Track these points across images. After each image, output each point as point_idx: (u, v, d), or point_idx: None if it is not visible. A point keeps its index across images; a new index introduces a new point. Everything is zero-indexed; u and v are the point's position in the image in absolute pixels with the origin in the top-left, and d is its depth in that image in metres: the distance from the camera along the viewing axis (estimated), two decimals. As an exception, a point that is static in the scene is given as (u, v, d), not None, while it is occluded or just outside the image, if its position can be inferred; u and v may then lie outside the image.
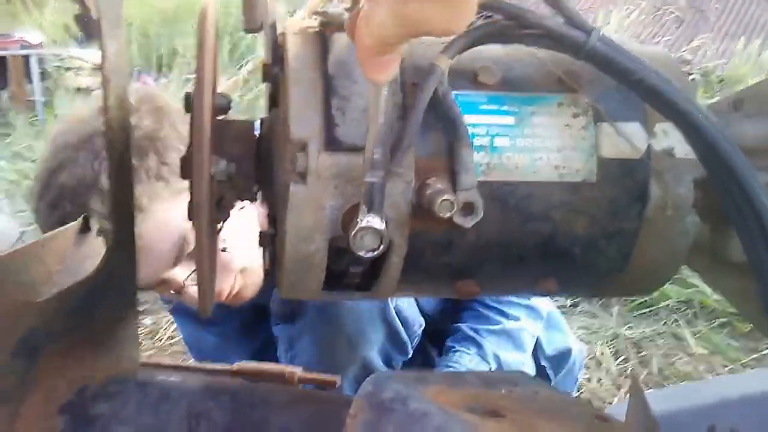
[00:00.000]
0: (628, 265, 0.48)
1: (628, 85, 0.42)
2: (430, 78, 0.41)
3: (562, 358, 1.32)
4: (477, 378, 0.38)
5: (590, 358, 1.71)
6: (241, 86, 3.99)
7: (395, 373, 0.38)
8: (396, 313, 1.15)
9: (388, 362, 1.19)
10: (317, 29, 0.45)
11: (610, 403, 1.55)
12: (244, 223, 1.02)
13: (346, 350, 1.15)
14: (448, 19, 0.27)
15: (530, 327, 1.23)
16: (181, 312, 1.30)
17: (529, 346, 1.23)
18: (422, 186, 0.43)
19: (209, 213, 0.44)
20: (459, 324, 1.23)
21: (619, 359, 1.75)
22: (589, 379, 1.61)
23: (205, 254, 0.42)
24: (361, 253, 0.41)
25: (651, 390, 1.51)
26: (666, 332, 1.83)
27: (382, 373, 0.36)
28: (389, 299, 1.14)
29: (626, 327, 1.85)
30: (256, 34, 0.47)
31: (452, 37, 0.43)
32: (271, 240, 0.49)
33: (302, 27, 0.45)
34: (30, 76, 5.27)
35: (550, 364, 1.30)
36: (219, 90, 0.48)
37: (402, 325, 1.17)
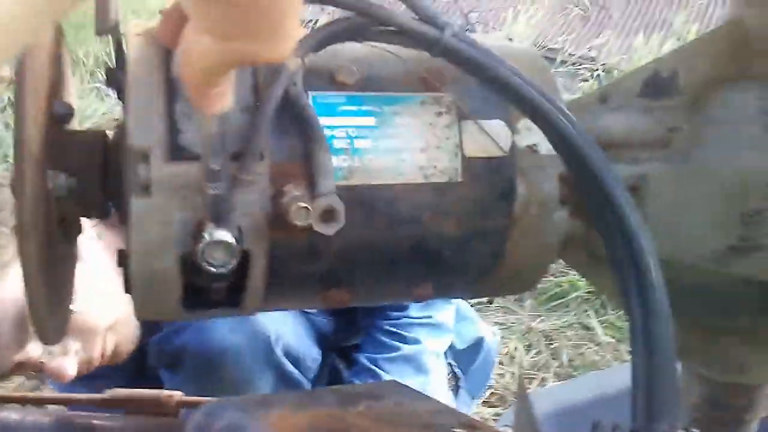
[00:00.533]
0: (500, 264, 0.47)
1: (483, 81, 0.41)
2: (278, 79, 0.39)
3: (475, 348, 1.32)
4: (333, 396, 0.36)
5: (504, 354, 1.74)
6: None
7: (233, 399, 0.36)
8: (285, 352, 1.12)
9: None
10: None
11: (522, 397, 1.57)
12: (91, 270, 0.88)
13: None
14: (271, 49, 0.25)
15: (433, 346, 1.21)
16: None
17: (435, 366, 1.21)
18: (278, 193, 0.40)
19: (44, 233, 0.40)
20: (357, 354, 1.21)
21: (531, 352, 1.78)
22: (502, 375, 1.63)
23: (37, 283, 0.38)
24: (213, 270, 0.38)
25: (560, 383, 1.55)
26: (576, 323, 1.88)
27: (218, 401, 0.34)
28: (274, 341, 1.10)
29: (538, 320, 1.89)
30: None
31: (302, 37, 0.41)
32: (126, 259, 0.46)
33: (146, 28, 0.42)
34: None
35: (461, 360, 1.30)
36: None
37: (293, 364, 1.13)
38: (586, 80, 3.99)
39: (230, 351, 1.05)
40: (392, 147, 0.43)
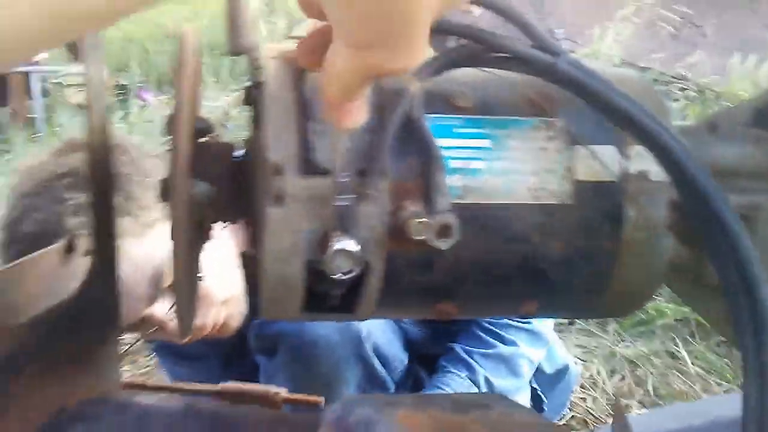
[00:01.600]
0: (605, 286, 0.48)
1: (596, 108, 0.43)
2: (400, 101, 0.42)
3: (559, 375, 1.32)
4: (448, 401, 0.38)
5: (586, 378, 1.71)
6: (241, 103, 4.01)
7: (365, 396, 0.38)
8: (374, 350, 1.14)
9: None
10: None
11: (604, 423, 1.55)
12: (221, 251, 1.00)
13: (321, 390, 1.13)
14: (404, 61, 0.28)
15: (529, 353, 1.21)
16: (163, 349, 1.28)
17: (527, 373, 1.21)
18: (398, 208, 0.43)
19: (189, 235, 0.44)
20: (452, 344, 1.23)
21: (615, 377, 1.74)
22: (584, 399, 1.60)
23: (185, 276, 0.42)
24: (336, 275, 0.41)
25: (640, 412, 1.51)
26: (662, 351, 1.82)
27: (352, 396, 0.36)
28: (365, 336, 1.13)
29: (623, 345, 1.85)
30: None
31: (425, 62, 0.43)
32: (252, 261, 0.49)
33: (281, 51, 0.46)
34: (30, 93, 5.30)
35: (546, 383, 1.30)
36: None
37: (381, 363, 1.16)
38: (677, 100, 3.88)
39: (321, 342, 1.08)
40: (505, 169, 0.45)
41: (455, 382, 1.16)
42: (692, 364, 1.76)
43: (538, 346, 1.23)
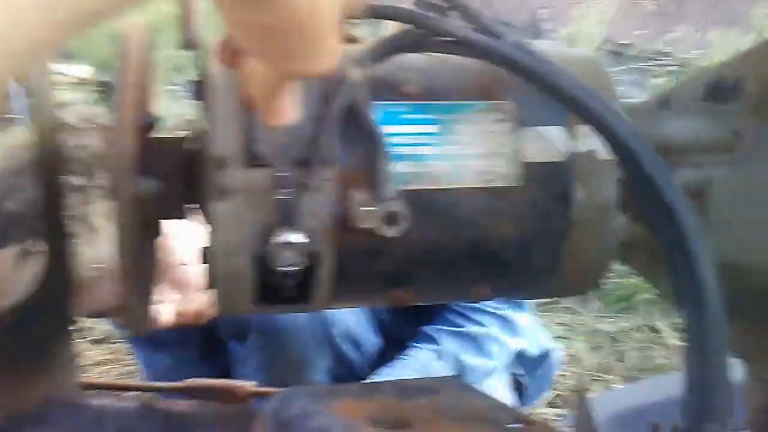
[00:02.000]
0: (557, 267, 0.48)
1: (542, 89, 0.43)
2: (341, 89, 0.42)
3: (541, 358, 1.33)
4: (395, 388, 0.38)
5: (569, 355, 1.72)
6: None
7: (305, 388, 0.39)
8: (345, 334, 1.15)
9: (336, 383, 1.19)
10: None
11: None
12: (201, 239, 1.00)
13: (290, 376, 1.14)
14: (318, 66, 0.28)
15: (501, 336, 1.22)
16: (139, 338, 1.28)
17: (498, 355, 1.22)
18: (345, 198, 0.43)
19: (135, 234, 0.44)
20: (421, 327, 1.23)
21: (597, 354, 1.76)
22: (566, 376, 1.62)
23: (131, 278, 0.42)
24: (283, 269, 0.41)
25: (621, 386, 1.52)
26: (643, 325, 1.84)
27: (291, 389, 0.36)
28: (330, 322, 1.14)
29: (604, 322, 1.86)
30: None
31: (364, 48, 0.43)
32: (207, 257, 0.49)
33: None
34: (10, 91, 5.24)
35: (528, 367, 1.30)
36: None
37: (353, 346, 1.16)
38: (660, 76, 3.88)
39: (288, 327, 1.09)
40: (453, 153, 0.45)
41: (420, 354, 1.16)
42: (671, 336, 1.78)
43: (512, 334, 1.23)
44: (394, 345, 1.25)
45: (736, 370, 0.51)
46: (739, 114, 0.52)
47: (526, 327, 1.26)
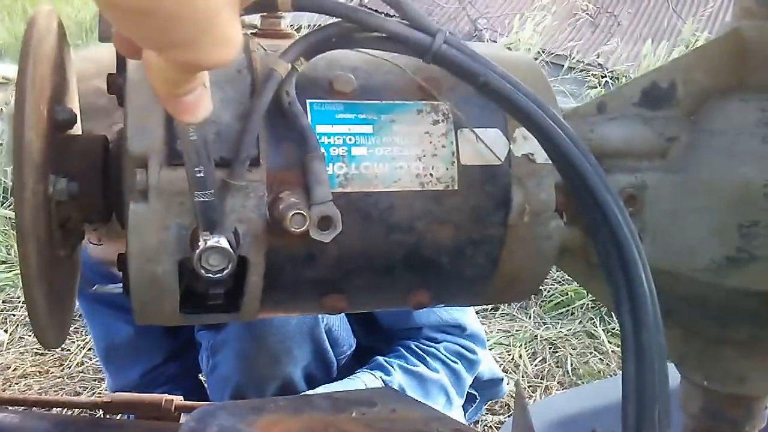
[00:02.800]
0: (496, 272, 0.47)
1: (476, 88, 0.42)
2: (267, 84, 0.40)
3: (492, 383, 1.34)
4: (327, 401, 0.36)
5: (508, 361, 1.73)
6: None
7: (226, 404, 0.36)
8: (327, 332, 1.13)
9: (310, 381, 1.16)
10: None
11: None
12: None
13: (268, 366, 1.11)
14: (215, 57, 0.26)
15: (449, 389, 1.21)
16: (98, 300, 1.21)
17: (441, 404, 1.20)
18: (275, 200, 0.41)
19: (44, 238, 0.41)
20: (376, 357, 1.22)
21: (536, 360, 1.77)
22: (507, 383, 1.62)
23: (38, 289, 0.38)
24: (209, 275, 0.39)
25: (563, 391, 1.54)
26: (581, 331, 1.87)
27: (209, 406, 0.34)
28: (320, 317, 1.12)
29: (543, 328, 1.88)
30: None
31: (291, 42, 0.41)
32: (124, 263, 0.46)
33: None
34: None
35: (476, 387, 1.30)
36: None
37: (331, 344, 1.14)
38: (595, 87, 3.99)
39: (276, 319, 1.06)
40: (389, 155, 0.44)
41: (366, 378, 1.14)
42: (609, 342, 1.81)
43: (459, 392, 1.22)
44: (364, 352, 1.23)
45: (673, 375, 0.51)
46: (672, 119, 0.52)
47: (482, 359, 1.26)
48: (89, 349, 1.83)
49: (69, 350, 1.85)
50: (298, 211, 0.40)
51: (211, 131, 0.40)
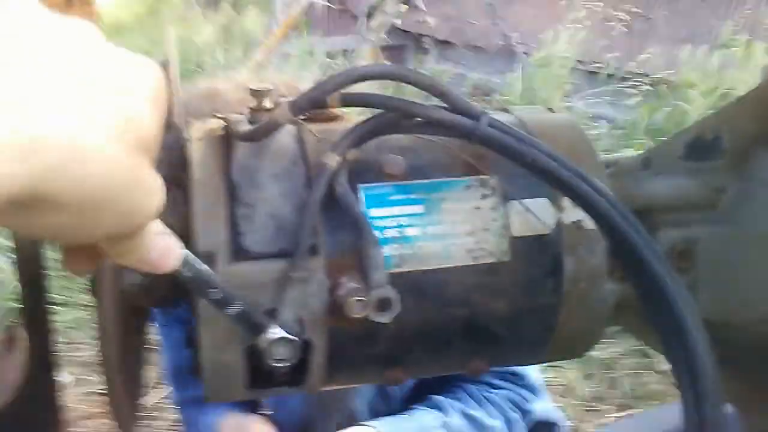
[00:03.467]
0: (551, 337, 0.48)
1: (522, 166, 0.43)
2: (320, 179, 0.42)
3: (548, 426, 1.32)
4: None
5: (561, 384, 1.72)
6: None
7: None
8: None
9: (372, 414, 1.18)
10: (222, 133, 0.45)
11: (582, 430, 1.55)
12: None
13: (334, 400, 1.14)
14: (143, 214, 0.27)
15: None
16: (177, 319, 1.23)
17: None
18: (335, 285, 0.43)
19: (122, 329, 0.43)
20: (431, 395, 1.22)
21: (590, 382, 1.75)
22: (562, 407, 1.61)
23: (117, 379, 0.41)
24: (277, 364, 0.41)
25: (619, 416, 1.52)
26: (635, 351, 1.84)
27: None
28: None
29: (596, 348, 1.85)
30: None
31: (340, 124, 0.43)
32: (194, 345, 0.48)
33: (207, 130, 0.45)
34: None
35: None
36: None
37: None
38: (634, 96, 3.94)
39: None
40: (440, 232, 0.45)
41: (426, 417, 1.14)
42: (663, 362, 1.77)
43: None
44: (420, 388, 1.24)
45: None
46: (719, 171, 0.52)
47: (536, 409, 1.25)
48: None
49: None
50: (357, 297, 0.41)
51: (272, 225, 0.42)
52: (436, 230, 0.45)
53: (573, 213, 0.47)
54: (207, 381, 0.44)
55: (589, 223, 0.47)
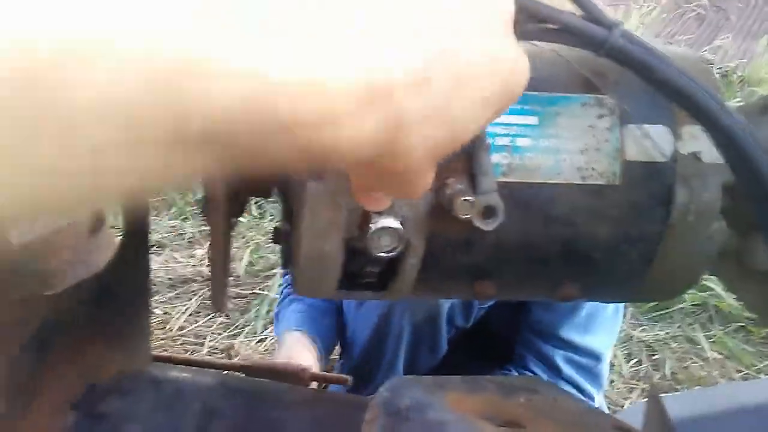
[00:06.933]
0: (650, 271, 0.46)
1: (651, 84, 0.41)
2: None
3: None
4: (495, 385, 0.37)
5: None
6: None
7: (413, 378, 0.38)
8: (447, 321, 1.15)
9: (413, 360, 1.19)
10: None
11: (622, 407, 1.54)
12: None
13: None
14: (414, 193, 0.29)
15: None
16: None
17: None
18: (442, 186, 0.42)
19: (225, 209, 0.43)
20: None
21: (632, 362, 1.73)
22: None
23: (221, 252, 0.41)
24: (378, 254, 0.40)
25: (664, 395, 1.50)
26: (680, 335, 1.80)
27: (399, 378, 0.35)
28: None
29: (639, 329, 1.83)
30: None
31: None
32: (286, 237, 0.48)
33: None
34: None
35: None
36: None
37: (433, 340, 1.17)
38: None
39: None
40: (552, 147, 0.44)
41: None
42: (710, 349, 1.74)
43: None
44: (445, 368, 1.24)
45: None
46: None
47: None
48: (190, 314, 1.92)
49: (170, 314, 1.94)
50: (466, 198, 0.40)
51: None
52: (548, 144, 0.44)
53: (691, 144, 0.45)
54: (302, 271, 0.44)
55: (707, 157, 0.45)
